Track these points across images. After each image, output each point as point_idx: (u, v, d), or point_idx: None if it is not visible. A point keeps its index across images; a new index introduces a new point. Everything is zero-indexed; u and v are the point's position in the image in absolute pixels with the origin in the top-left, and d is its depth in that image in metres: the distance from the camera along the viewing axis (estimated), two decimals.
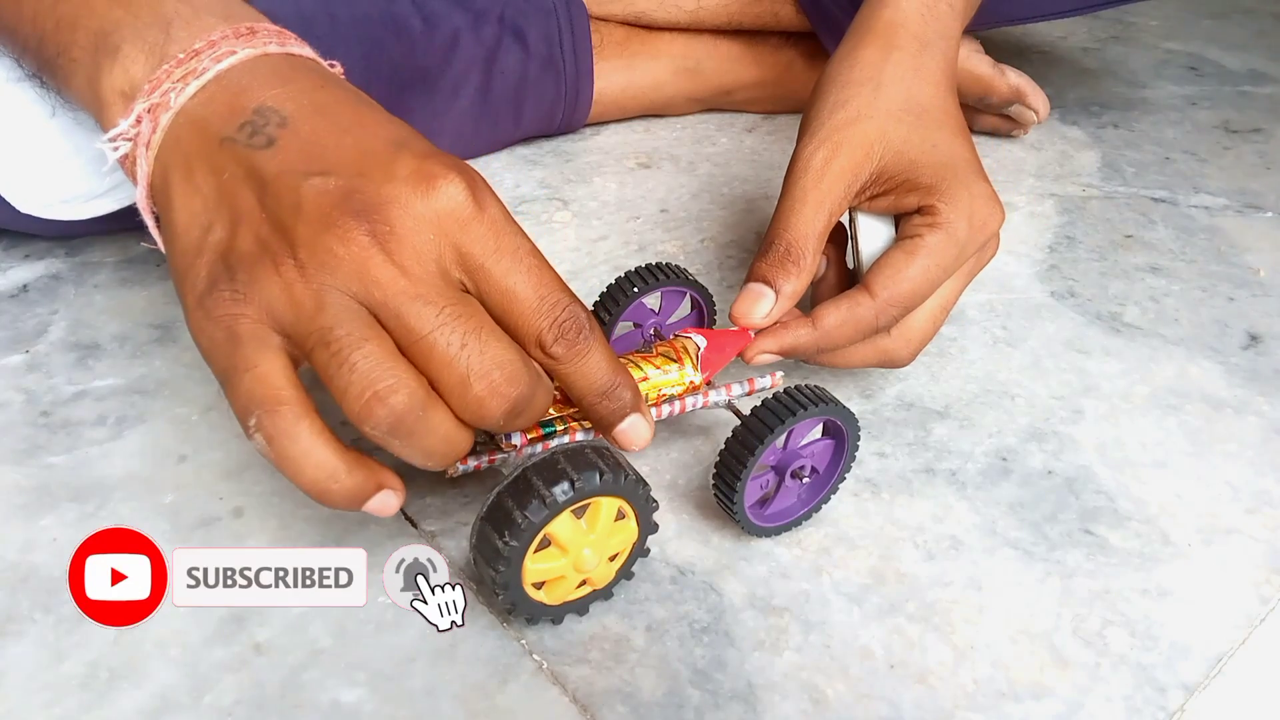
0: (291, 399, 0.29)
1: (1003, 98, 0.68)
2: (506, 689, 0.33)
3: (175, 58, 0.32)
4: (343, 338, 0.28)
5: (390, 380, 0.28)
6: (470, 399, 0.29)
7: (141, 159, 0.32)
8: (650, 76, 0.70)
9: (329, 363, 0.28)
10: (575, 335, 0.31)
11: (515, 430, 0.32)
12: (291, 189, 0.29)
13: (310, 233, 0.29)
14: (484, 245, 0.30)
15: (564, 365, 0.31)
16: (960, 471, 0.42)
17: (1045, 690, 0.33)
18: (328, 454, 0.29)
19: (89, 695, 0.32)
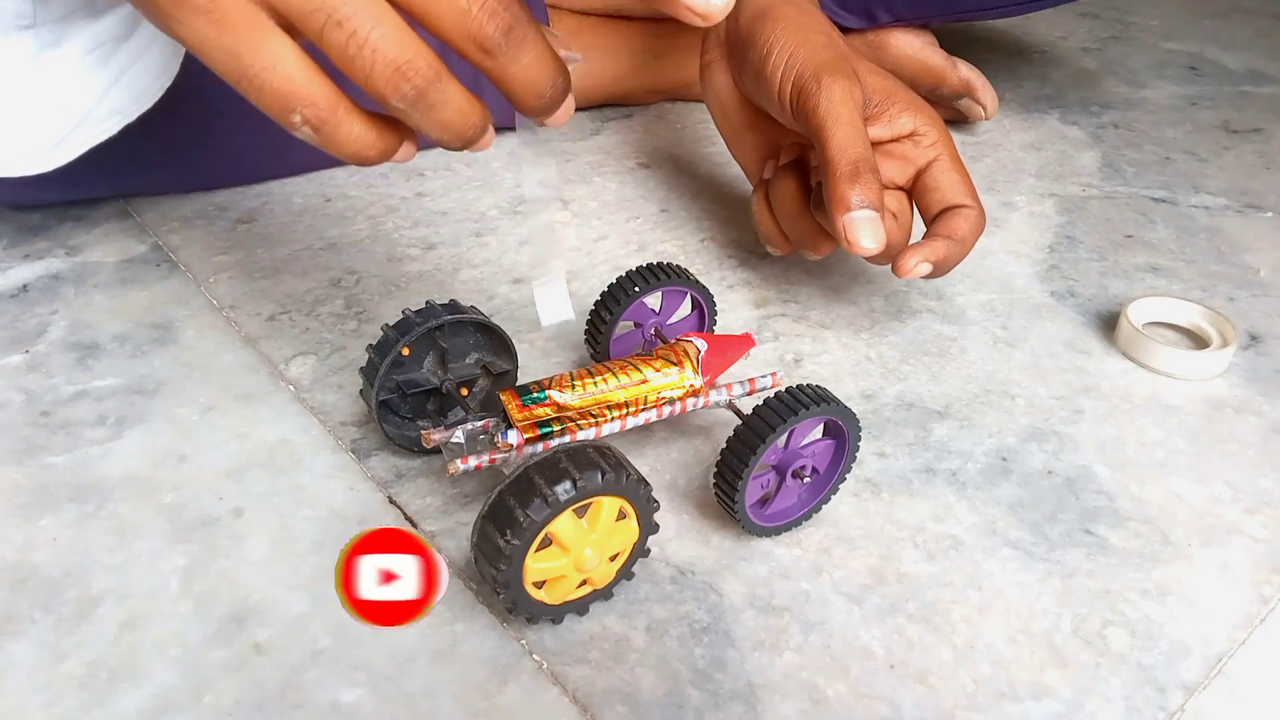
0: (323, 87, 0.29)
1: (953, 90, 0.69)
2: (506, 689, 0.33)
3: None
4: (354, 16, 0.27)
5: (409, 54, 0.28)
6: (473, 26, 0.28)
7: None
8: (611, 69, 0.71)
9: (346, 44, 0.28)
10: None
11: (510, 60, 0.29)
12: None
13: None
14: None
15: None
16: (960, 471, 0.42)
17: (1045, 690, 0.33)
18: (365, 127, 0.30)
19: (89, 695, 0.32)
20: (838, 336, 0.50)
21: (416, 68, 0.28)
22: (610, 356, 0.44)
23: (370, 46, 0.28)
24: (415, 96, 0.29)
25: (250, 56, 0.28)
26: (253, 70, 0.28)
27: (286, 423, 0.43)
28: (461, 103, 0.30)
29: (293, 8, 0.28)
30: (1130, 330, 0.49)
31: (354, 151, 0.30)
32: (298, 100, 0.29)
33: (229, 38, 0.28)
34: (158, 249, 0.55)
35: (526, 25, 0.29)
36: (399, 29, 0.28)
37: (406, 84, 0.28)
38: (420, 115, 0.29)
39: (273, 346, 0.48)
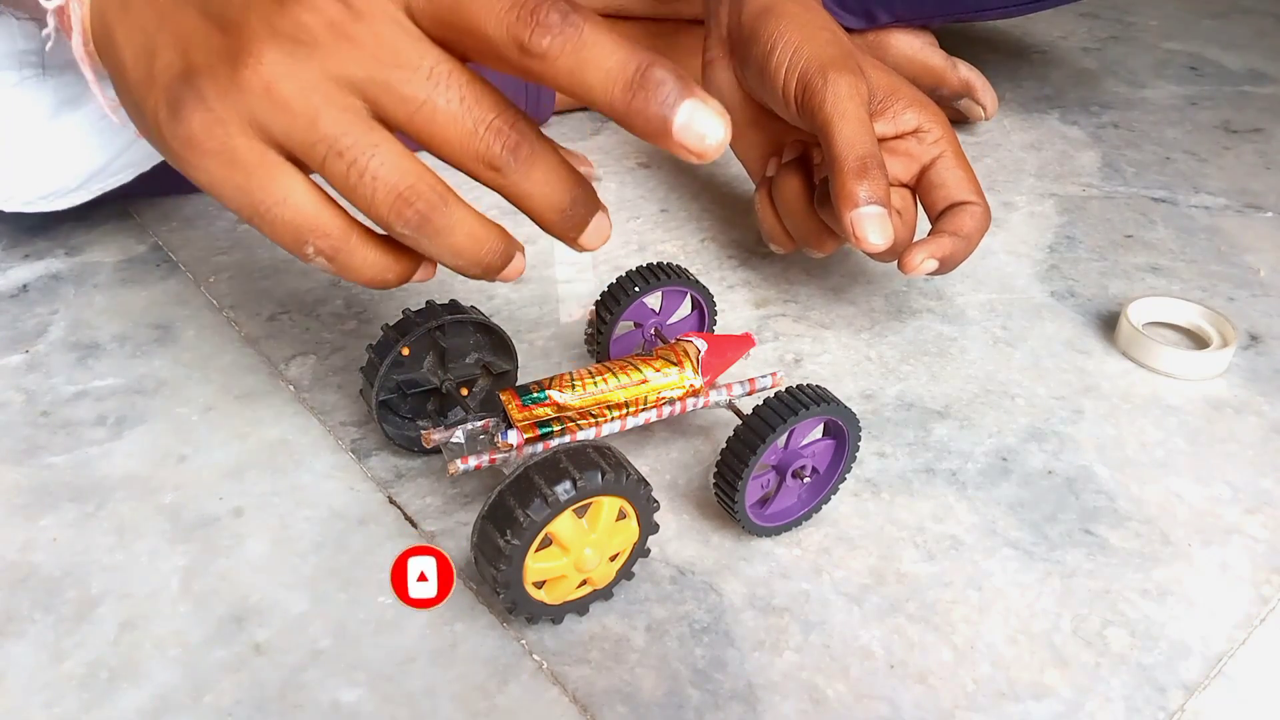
0: (333, 218, 0.29)
1: (953, 90, 0.69)
2: (506, 689, 0.33)
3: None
4: (354, 146, 0.27)
5: (411, 179, 0.28)
6: (479, 146, 0.28)
7: (74, 6, 0.31)
8: None
9: (347, 174, 0.28)
10: (558, 18, 0.26)
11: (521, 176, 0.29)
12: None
13: (265, 18, 0.27)
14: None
15: (557, 61, 0.27)
16: (960, 471, 0.42)
17: (1045, 690, 0.33)
18: (379, 253, 0.30)
19: (89, 695, 0.32)
20: (838, 336, 0.50)
21: (418, 192, 0.28)
22: (610, 356, 0.44)
23: (370, 174, 0.27)
24: (419, 222, 0.28)
25: (260, 192, 0.28)
26: (264, 205, 0.28)
27: (286, 423, 0.43)
28: (473, 227, 0.29)
29: (295, 142, 0.28)
30: (1130, 330, 0.49)
31: (371, 277, 0.30)
32: (310, 232, 0.29)
33: (240, 176, 0.28)
34: (158, 249, 0.55)
35: (535, 141, 0.29)
36: (399, 155, 0.28)
37: (409, 209, 0.28)
38: (428, 241, 0.29)
39: (272, 346, 0.48)
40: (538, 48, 0.26)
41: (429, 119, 0.28)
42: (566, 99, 0.70)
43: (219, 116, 0.27)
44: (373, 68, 0.27)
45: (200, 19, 0.28)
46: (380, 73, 0.27)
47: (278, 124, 0.27)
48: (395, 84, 0.27)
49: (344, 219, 0.29)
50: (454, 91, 0.28)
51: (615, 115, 0.27)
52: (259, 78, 0.27)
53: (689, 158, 0.27)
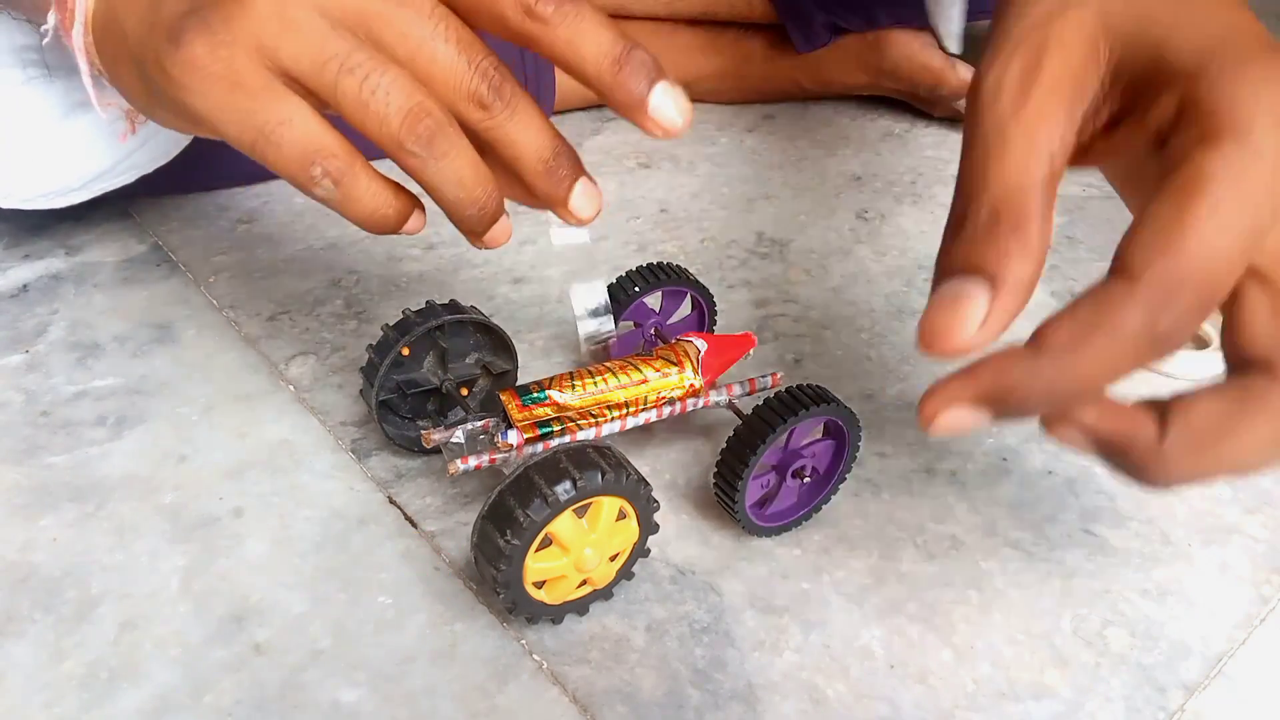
0: (339, 141, 0.29)
1: (952, 91, 0.69)
2: (506, 689, 0.33)
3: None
4: (366, 61, 0.28)
5: (419, 97, 0.28)
6: (471, 85, 0.29)
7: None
8: None
9: (360, 90, 0.28)
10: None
11: (507, 117, 0.29)
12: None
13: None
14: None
15: (557, 29, 0.28)
16: (960, 471, 0.42)
17: (1045, 690, 0.33)
18: (381, 185, 0.30)
19: (89, 695, 0.32)
20: (837, 336, 0.50)
21: (428, 109, 0.28)
22: (610, 356, 0.44)
23: (384, 89, 0.28)
24: (429, 138, 0.28)
25: (265, 113, 0.28)
26: (269, 126, 0.28)
27: (286, 423, 0.43)
28: (475, 158, 0.30)
29: (305, 63, 0.28)
30: None
31: (372, 210, 0.30)
32: (317, 152, 0.29)
33: (243, 98, 0.28)
34: (158, 249, 0.55)
35: (517, 87, 0.29)
36: (405, 74, 0.28)
37: (421, 125, 0.28)
38: (435, 164, 0.29)
39: (273, 346, 0.48)
40: (543, 12, 0.28)
41: (428, 58, 0.28)
42: (566, 99, 0.70)
43: (223, 39, 0.27)
44: (378, 3, 0.28)
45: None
46: (385, 8, 0.28)
47: (286, 46, 0.28)
48: (398, 20, 0.28)
49: (349, 145, 0.29)
50: (451, 34, 0.28)
51: (600, 86, 0.29)
52: (267, 4, 0.27)
53: (656, 133, 0.29)
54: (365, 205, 0.30)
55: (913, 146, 0.70)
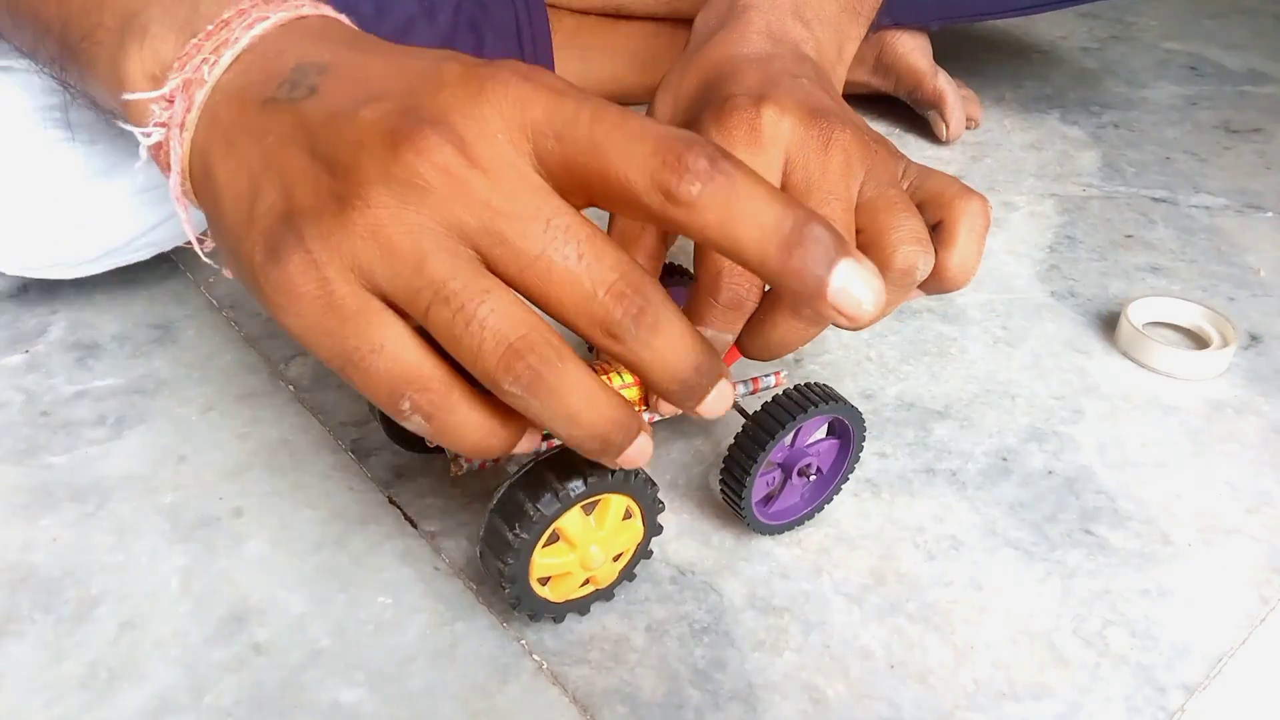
0: (435, 370, 0.26)
1: (925, 97, 0.70)
2: (506, 689, 0.33)
3: (204, 30, 0.30)
4: (462, 291, 0.25)
5: (523, 329, 0.25)
6: (597, 310, 0.25)
7: (175, 142, 0.29)
8: (608, 69, 0.71)
9: (453, 321, 0.25)
10: (708, 165, 0.24)
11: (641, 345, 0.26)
12: (345, 124, 0.26)
13: (378, 162, 0.25)
14: (553, 113, 0.26)
15: (706, 212, 0.24)
16: (960, 471, 0.42)
17: (1045, 690, 0.33)
18: (484, 415, 0.27)
19: (89, 695, 0.32)
20: (838, 336, 0.50)
21: (531, 344, 0.25)
22: None
23: (478, 321, 0.25)
24: (531, 378, 0.25)
25: (355, 338, 0.26)
26: (358, 353, 0.26)
27: (286, 423, 0.43)
28: (592, 390, 0.26)
29: (399, 288, 0.25)
30: (1130, 330, 0.49)
31: (473, 442, 0.27)
32: (407, 383, 0.26)
33: (333, 321, 0.26)
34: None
35: (659, 305, 0.26)
36: (511, 302, 0.25)
37: (520, 363, 0.25)
38: (539, 403, 0.26)
39: (272, 346, 0.48)
40: (686, 195, 0.24)
41: (544, 275, 0.25)
42: None
43: (317, 259, 0.25)
44: (487, 216, 0.25)
45: (308, 160, 0.27)
46: (495, 222, 0.25)
47: (381, 268, 0.25)
48: (510, 235, 0.25)
49: (446, 371, 0.26)
50: (572, 247, 0.25)
51: (764, 273, 0.25)
52: (365, 221, 0.25)
53: (840, 322, 0.25)
54: (463, 439, 0.27)
55: (913, 146, 0.71)
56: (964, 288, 0.35)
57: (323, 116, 0.27)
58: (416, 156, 0.25)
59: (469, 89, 0.26)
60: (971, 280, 0.35)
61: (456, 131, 0.25)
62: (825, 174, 0.32)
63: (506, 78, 0.26)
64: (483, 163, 0.25)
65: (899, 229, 0.32)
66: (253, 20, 0.29)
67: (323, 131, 0.27)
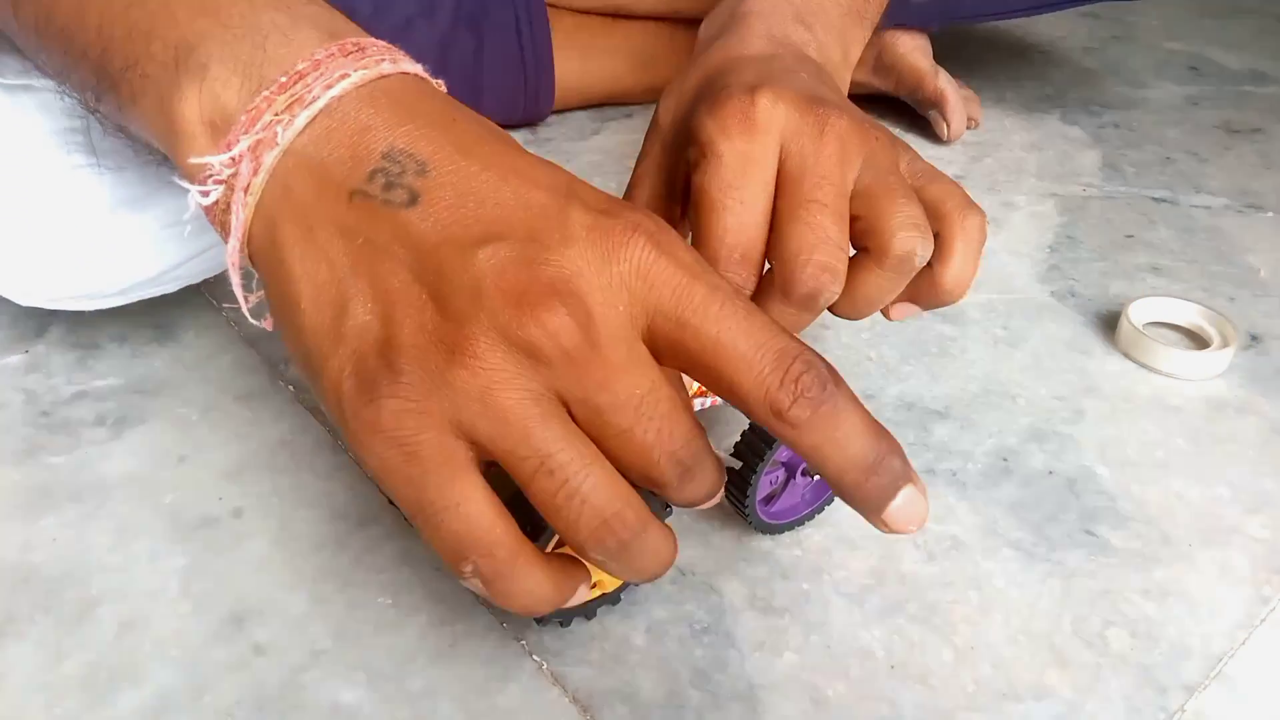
0: (505, 535, 0.26)
1: (926, 97, 0.70)
2: (506, 690, 0.33)
3: (276, 81, 0.27)
4: (568, 465, 0.25)
5: (619, 505, 0.26)
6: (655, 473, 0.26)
7: (238, 206, 0.27)
8: (608, 69, 0.71)
9: (555, 494, 0.25)
10: (818, 391, 0.25)
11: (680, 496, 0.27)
12: (461, 264, 0.25)
13: (499, 322, 0.24)
14: (680, 298, 0.26)
15: (808, 433, 0.25)
16: (961, 472, 0.42)
17: (1046, 691, 0.33)
18: (543, 580, 0.27)
19: (89, 695, 0.32)
20: (838, 336, 0.50)
21: (624, 520, 0.26)
22: None
23: (580, 497, 0.25)
24: (618, 549, 0.26)
25: (435, 492, 0.25)
26: (434, 508, 0.25)
27: (286, 423, 0.43)
28: (661, 547, 0.27)
29: (501, 451, 0.25)
30: (1131, 330, 0.49)
31: (524, 605, 0.27)
32: (475, 548, 0.25)
33: (416, 470, 0.25)
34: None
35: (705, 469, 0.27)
36: (611, 478, 0.26)
37: (611, 538, 0.26)
38: (616, 564, 0.27)
39: (272, 346, 0.48)
40: (796, 418, 0.25)
41: (623, 444, 0.26)
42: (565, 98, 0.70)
43: (415, 407, 0.24)
44: (592, 391, 0.25)
45: (413, 286, 0.25)
46: (597, 396, 0.25)
47: (484, 429, 0.25)
48: (606, 409, 0.25)
49: (516, 537, 0.26)
50: (654, 423, 0.26)
51: (839, 491, 0.26)
52: (477, 381, 0.24)
53: (882, 529, 0.27)
54: (516, 602, 0.27)
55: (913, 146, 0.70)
56: (959, 301, 0.36)
57: (431, 239, 0.25)
58: (542, 330, 0.24)
59: (598, 251, 0.25)
60: (967, 294, 0.36)
61: (584, 305, 0.25)
62: (820, 159, 0.33)
63: (638, 244, 0.26)
64: (601, 341, 0.25)
65: (896, 215, 0.32)
66: (332, 78, 0.27)
67: (431, 259, 0.25)
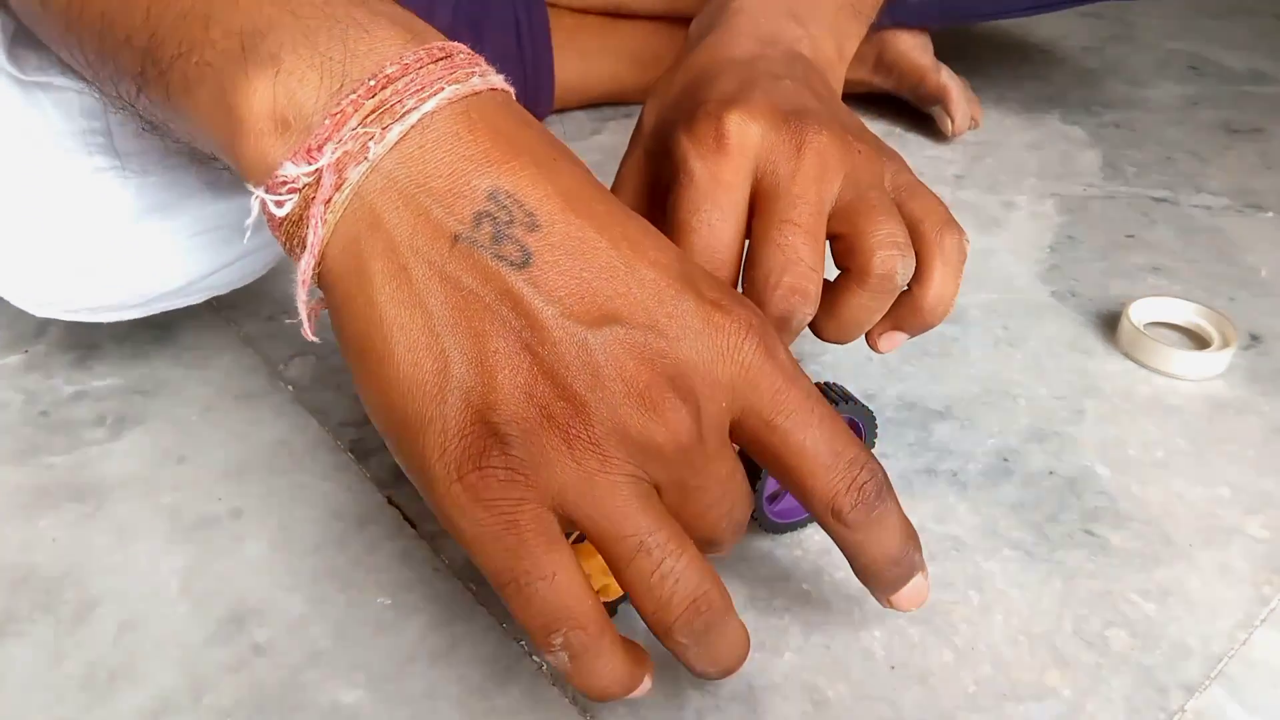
0: (594, 612, 0.26)
1: (929, 93, 0.70)
2: (506, 691, 0.33)
3: (363, 84, 0.25)
4: (662, 546, 0.25)
5: (706, 586, 0.26)
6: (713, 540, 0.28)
7: (317, 222, 0.25)
8: (608, 69, 0.71)
9: (650, 574, 0.25)
10: (875, 499, 0.27)
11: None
12: (577, 344, 0.25)
13: (616, 414, 0.25)
14: (776, 401, 0.26)
15: (858, 532, 0.28)
16: (961, 472, 0.42)
17: (1046, 691, 0.33)
18: (619, 661, 0.27)
19: (89, 695, 0.32)
20: None
21: (711, 601, 0.26)
22: None
23: (674, 577, 0.25)
24: (703, 631, 0.26)
25: (529, 562, 0.25)
26: (528, 577, 0.25)
27: (285, 423, 0.43)
28: (738, 633, 0.28)
29: (598, 530, 0.25)
30: (1131, 330, 0.49)
31: (603, 687, 0.27)
32: (567, 619, 0.25)
33: (513, 539, 0.25)
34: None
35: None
36: (700, 561, 0.26)
37: (699, 620, 0.26)
38: (698, 648, 0.27)
39: (272, 346, 0.48)
40: (852, 520, 0.27)
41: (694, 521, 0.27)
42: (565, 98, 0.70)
43: (521, 481, 0.24)
44: (688, 477, 0.26)
45: (525, 357, 0.24)
46: (691, 481, 0.26)
47: (588, 511, 0.25)
48: (694, 493, 0.27)
49: (604, 615, 0.26)
50: (726, 504, 0.28)
51: (861, 573, 0.29)
52: (587, 465, 0.25)
53: (881, 602, 0.30)
54: (597, 682, 0.27)
55: (913, 146, 0.70)
56: (940, 324, 0.35)
57: (544, 310, 0.25)
58: (664, 428, 0.25)
59: (713, 349, 0.26)
60: (948, 316, 0.35)
61: (697, 404, 0.26)
62: (796, 179, 0.32)
63: (750, 347, 0.26)
64: (705, 436, 0.26)
65: (875, 233, 0.32)
66: (427, 91, 0.25)
67: (543, 331, 0.24)
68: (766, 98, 0.33)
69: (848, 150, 0.33)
